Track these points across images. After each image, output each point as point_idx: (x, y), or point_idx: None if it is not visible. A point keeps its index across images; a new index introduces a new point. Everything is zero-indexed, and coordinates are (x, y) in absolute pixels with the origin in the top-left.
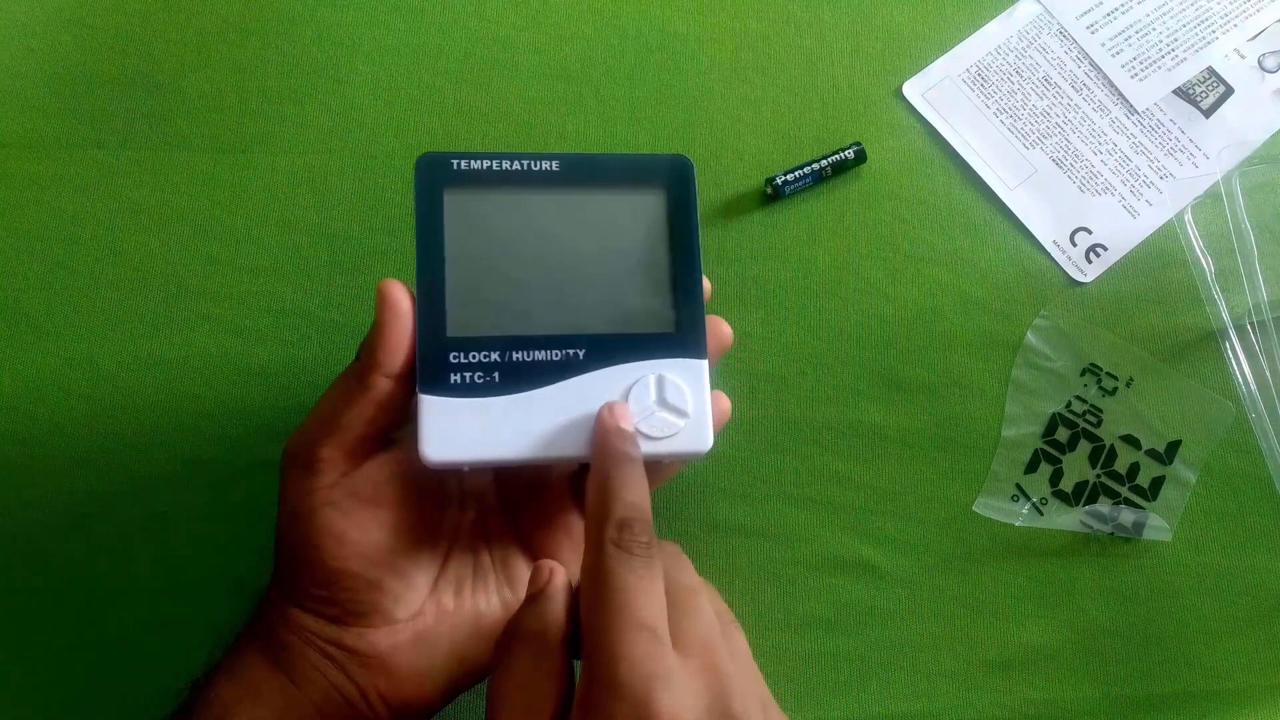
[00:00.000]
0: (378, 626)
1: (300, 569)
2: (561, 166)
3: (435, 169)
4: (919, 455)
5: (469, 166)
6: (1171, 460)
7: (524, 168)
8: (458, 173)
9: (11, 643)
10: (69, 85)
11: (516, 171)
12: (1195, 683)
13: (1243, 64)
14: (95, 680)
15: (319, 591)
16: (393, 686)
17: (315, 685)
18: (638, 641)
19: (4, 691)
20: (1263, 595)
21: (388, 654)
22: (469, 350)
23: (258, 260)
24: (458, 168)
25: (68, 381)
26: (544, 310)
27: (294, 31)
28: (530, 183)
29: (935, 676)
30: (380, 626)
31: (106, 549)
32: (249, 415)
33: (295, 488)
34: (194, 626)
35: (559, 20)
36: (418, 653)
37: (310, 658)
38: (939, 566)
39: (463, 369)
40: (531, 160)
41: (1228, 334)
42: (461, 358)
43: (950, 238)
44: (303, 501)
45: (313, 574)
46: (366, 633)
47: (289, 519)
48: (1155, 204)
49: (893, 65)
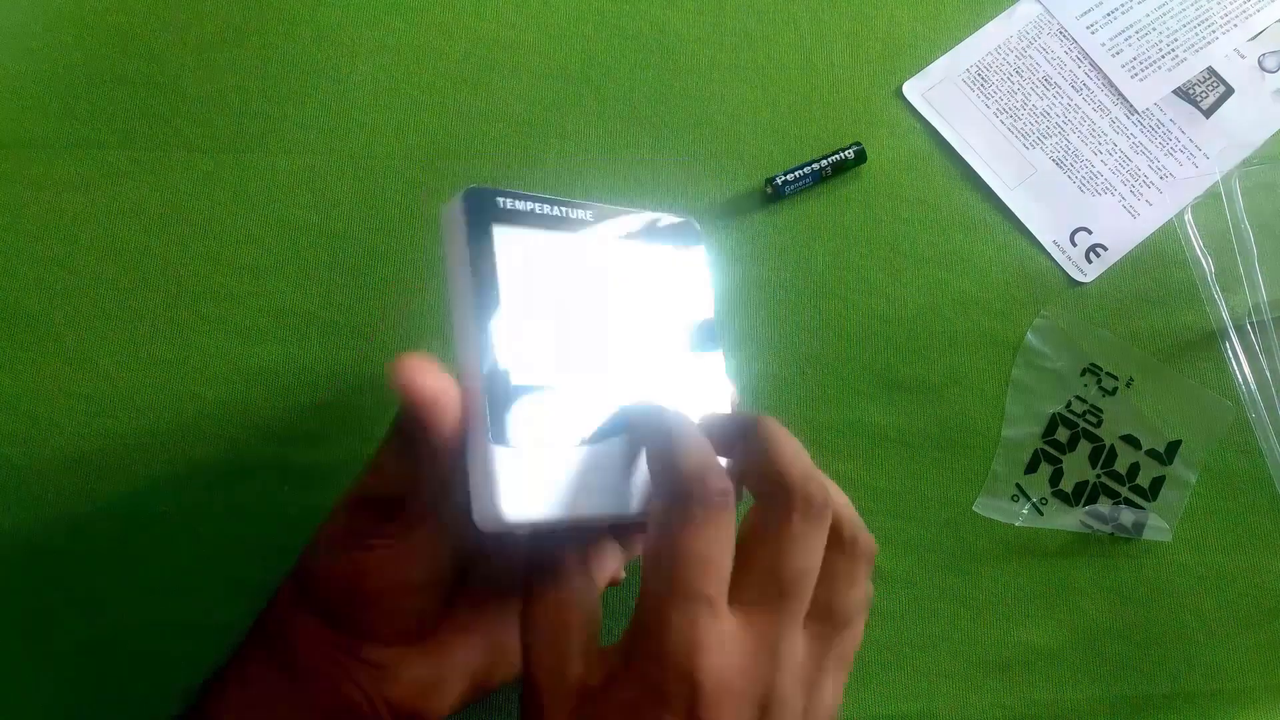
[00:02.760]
0: (396, 644)
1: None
2: (595, 216)
3: (483, 203)
4: (919, 455)
5: (514, 206)
6: (1171, 460)
7: (562, 214)
8: (505, 211)
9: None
10: (69, 85)
11: (556, 216)
12: (1195, 683)
13: (1243, 64)
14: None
15: (346, 609)
16: (401, 696)
17: (323, 692)
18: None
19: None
20: (1263, 595)
21: (398, 665)
22: (538, 397)
23: (258, 260)
24: (504, 206)
25: (68, 381)
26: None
27: (294, 31)
28: (569, 228)
29: (935, 677)
30: (392, 642)
31: (106, 549)
32: (249, 415)
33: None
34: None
35: (559, 20)
36: (428, 665)
37: (319, 664)
38: (939, 566)
39: (535, 419)
40: (568, 207)
41: (1228, 334)
42: (533, 406)
43: (950, 237)
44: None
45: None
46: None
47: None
48: (1155, 204)
49: (893, 65)
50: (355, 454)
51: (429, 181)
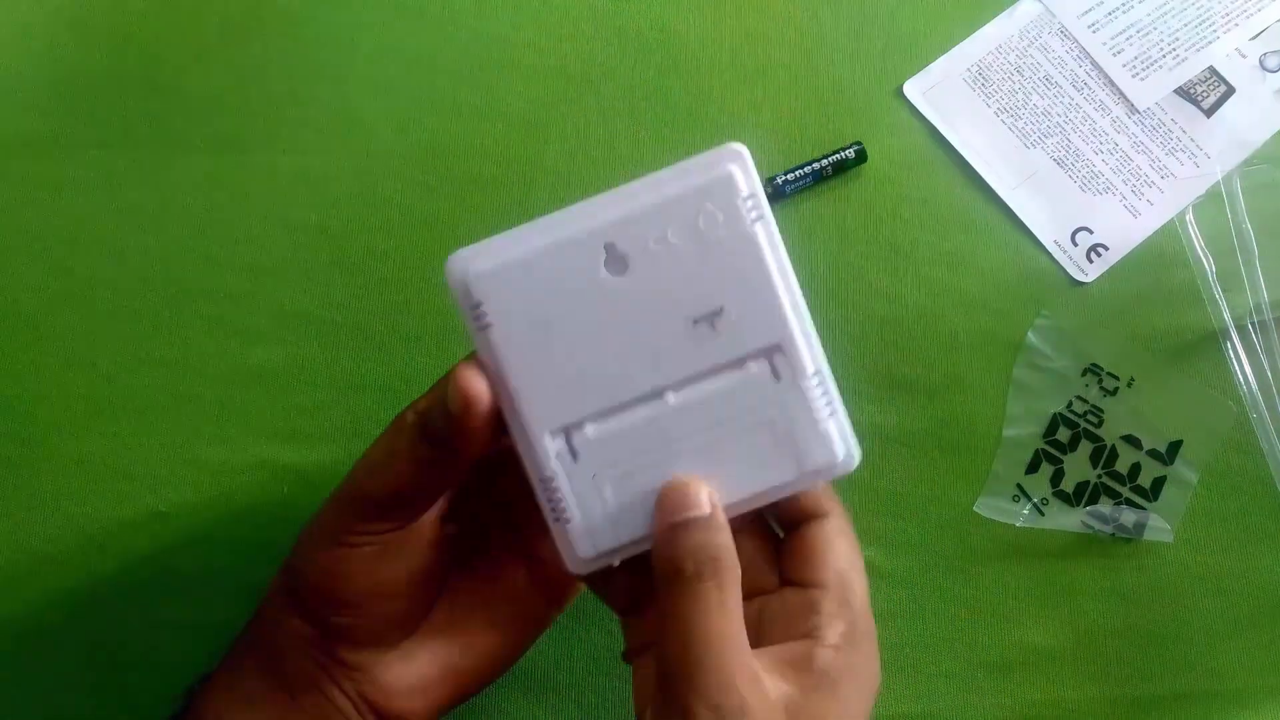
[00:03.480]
0: (374, 646)
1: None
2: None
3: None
4: (919, 455)
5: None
6: (1173, 460)
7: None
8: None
9: (11, 643)
10: (69, 85)
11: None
12: (1196, 684)
13: (1244, 63)
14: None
15: (326, 609)
16: (383, 698)
17: (309, 694)
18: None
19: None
20: (1264, 596)
21: (377, 668)
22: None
23: (258, 260)
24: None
25: (68, 381)
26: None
27: (294, 31)
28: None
29: (935, 677)
30: (371, 645)
31: (107, 549)
32: (249, 415)
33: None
34: (194, 626)
35: (559, 20)
36: (408, 667)
37: (304, 666)
38: (939, 566)
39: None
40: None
41: (1229, 334)
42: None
43: (950, 237)
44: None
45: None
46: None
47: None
48: (1156, 204)
49: (893, 65)
50: (355, 454)
51: (429, 181)
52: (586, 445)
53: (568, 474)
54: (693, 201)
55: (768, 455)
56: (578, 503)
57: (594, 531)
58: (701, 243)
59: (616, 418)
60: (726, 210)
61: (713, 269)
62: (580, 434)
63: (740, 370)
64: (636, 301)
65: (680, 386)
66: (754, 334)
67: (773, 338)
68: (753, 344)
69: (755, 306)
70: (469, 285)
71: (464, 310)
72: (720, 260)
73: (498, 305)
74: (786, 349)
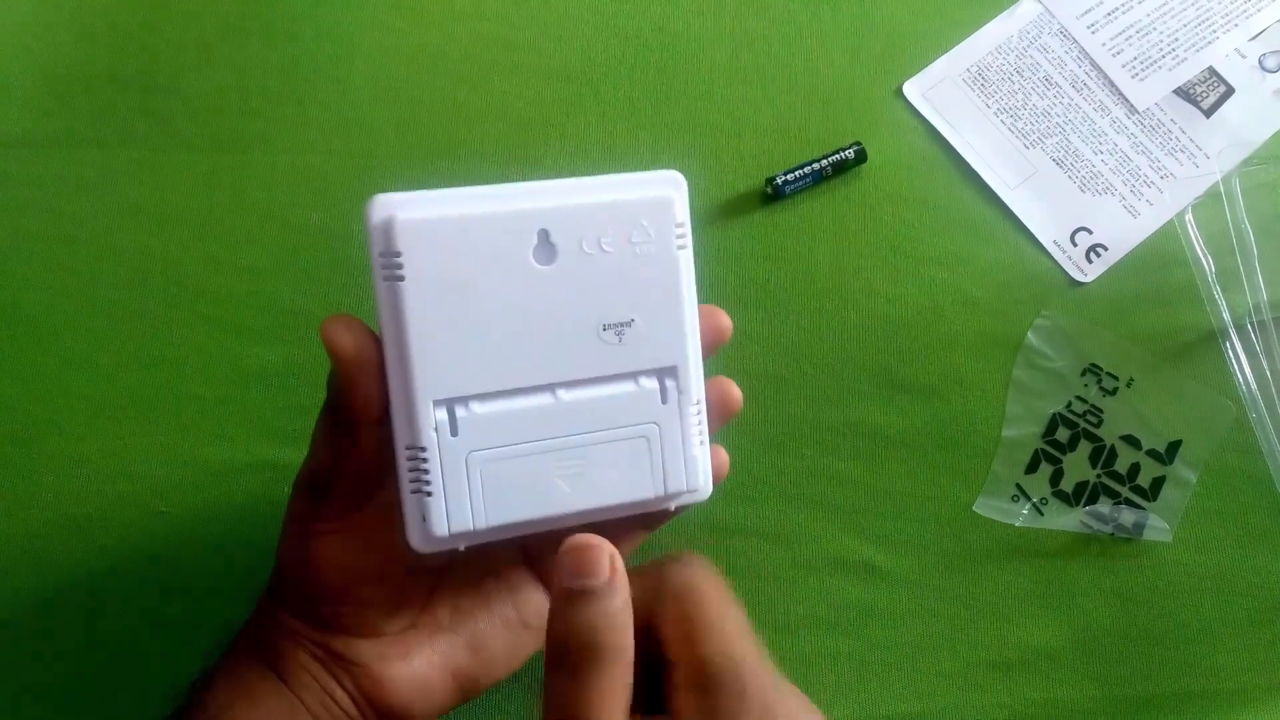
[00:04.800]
0: (365, 637)
1: (290, 579)
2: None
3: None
4: (919, 455)
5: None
6: (1172, 460)
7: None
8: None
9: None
10: (69, 85)
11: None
12: (1195, 683)
13: (1243, 64)
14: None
15: (309, 601)
16: (381, 694)
17: (308, 689)
18: None
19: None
20: (1263, 596)
21: (375, 663)
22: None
23: (258, 260)
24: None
25: (68, 381)
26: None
27: (294, 31)
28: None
29: (935, 677)
30: (367, 637)
31: (106, 549)
32: (249, 415)
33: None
34: (194, 626)
35: (559, 20)
36: (407, 664)
37: (303, 661)
38: (939, 566)
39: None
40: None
41: (1228, 334)
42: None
43: (950, 238)
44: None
45: (303, 586)
46: (354, 641)
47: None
48: (1156, 204)
49: (893, 65)
50: None
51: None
52: (469, 422)
53: (441, 447)
54: (632, 212)
55: (637, 469)
56: (443, 479)
57: (453, 512)
58: (630, 254)
59: (505, 401)
60: (660, 230)
61: (633, 282)
62: (465, 410)
63: (633, 383)
64: (555, 294)
65: (574, 386)
66: (655, 352)
67: (671, 360)
68: (652, 361)
69: (663, 326)
70: (392, 232)
71: (376, 256)
72: (642, 275)
73: (417, 260)
74: (680, 374)
